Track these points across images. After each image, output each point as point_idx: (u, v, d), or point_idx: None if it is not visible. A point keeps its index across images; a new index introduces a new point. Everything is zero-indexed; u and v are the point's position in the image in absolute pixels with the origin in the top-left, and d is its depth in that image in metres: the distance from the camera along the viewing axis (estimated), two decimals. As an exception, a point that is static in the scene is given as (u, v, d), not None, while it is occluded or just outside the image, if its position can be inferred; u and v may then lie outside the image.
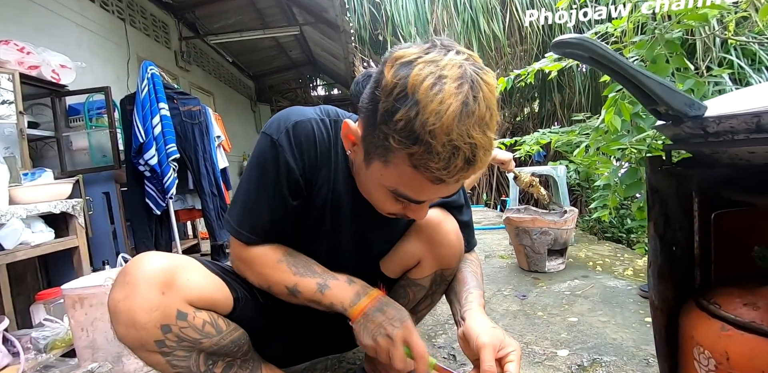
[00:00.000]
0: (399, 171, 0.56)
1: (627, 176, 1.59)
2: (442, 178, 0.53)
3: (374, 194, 0.66)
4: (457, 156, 0.51)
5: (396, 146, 0.52)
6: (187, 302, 0.66)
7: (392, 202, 0.64)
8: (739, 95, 0.56)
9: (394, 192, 0.61)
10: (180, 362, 0.67)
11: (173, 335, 0.64)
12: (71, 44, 2.79)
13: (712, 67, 2.43)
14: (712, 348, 0.51)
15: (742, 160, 0.52)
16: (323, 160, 0.72)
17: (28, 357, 1.33)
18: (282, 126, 0.68)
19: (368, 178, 0.64)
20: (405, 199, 0.61)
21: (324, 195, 0.75)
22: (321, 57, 6.71)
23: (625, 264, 2.03)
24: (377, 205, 0.69)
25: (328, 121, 0.73)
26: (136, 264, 0.64)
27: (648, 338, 1.18)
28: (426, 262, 0.85)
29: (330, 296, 0.71)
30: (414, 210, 0.66)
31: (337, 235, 0.80)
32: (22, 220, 1.46)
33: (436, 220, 0.82)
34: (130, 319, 0.61)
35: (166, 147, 2.20)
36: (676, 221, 0.62)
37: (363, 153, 0.62)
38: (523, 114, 5.83)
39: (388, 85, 0.52)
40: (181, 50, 4.51)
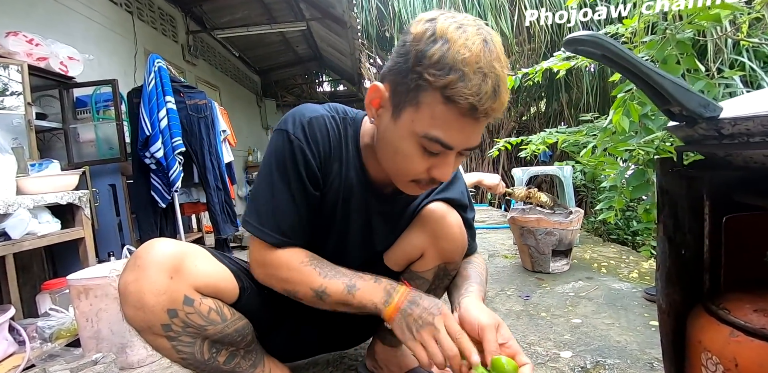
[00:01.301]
0: (431, 110, 0.59)
1: (634, 178, 1.57)
2: (474, 104, 0.56)
3: (402, 151, 0.64)
4: (486, 82, 0.56)
5: (431, 80, 0.57)
6: (194, 289, 0.68)
7: (420, 157, 0.64)
8: (754, 97, 0.55)
9: (426, 137, 0.61)
10: (185, 348, 0.69)
11: (179, 320, 0.66)
12: (79, 37, 2.79)
13: (723, 69, 2.40)
14: (721, 354, 0.51)
15: (756, 163, 0.51)
16: (336, 155, 0.75)
17: (33, 346, 1.35)
18: (297, 122, 0.71)
19: (396, 135, 0.64)
20: (436, 143, 0.61)
21: (335, 189, 0.76)
22: (327, 53, 6.69)
23: (630, 266, 2.02)
24: (404, 167, 0.67)
25: (338, 118, 0.76)
26: (147, 249, 0.66)
27: (653, 342, 1.18)
28: (429, 255, 0.86)
29: (360, 296, 0.69)
30: (440, 166, 0.65)
31: (346, 229, 0.82)
32: (28, 210, 1.47)
33: (439, 212, 0.83)
34: (139, 301, 0.63)
35: (172, 140, 2.21)
36: (686, 223, 0.61)
37: (391, 109, 0.64)
38: (530, 113, 5.80)
39: (418, 35, 0.59)
40: (188, 44, 4.51)
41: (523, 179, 2.49)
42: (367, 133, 0.77)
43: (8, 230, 1.40)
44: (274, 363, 0.86)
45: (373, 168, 0.78)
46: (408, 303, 0.67)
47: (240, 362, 0.77)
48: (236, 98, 6.20)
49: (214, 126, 2.54)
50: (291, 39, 6.17)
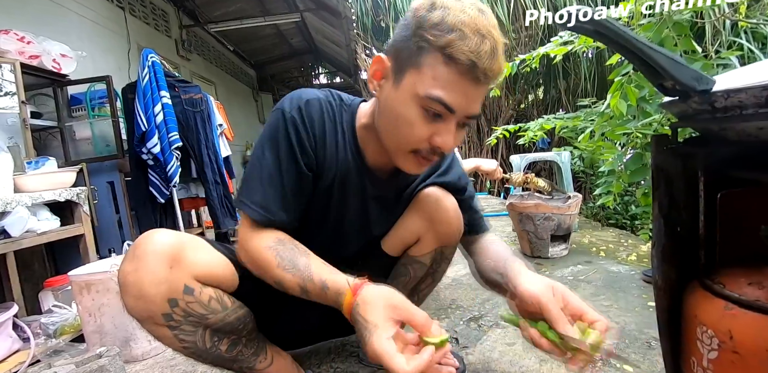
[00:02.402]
0: (433, 71, 0.60)
1: (632, 162, 1.57)
2: (474, 62, 0.58)
3: (404, 116, 0.64)
4: (485, 43, 0.58)
5: (432, 39, 0.59)
6: (194, 278, 0.68)
7: (422, 121, 0.64)
8: (747, 70, 0.54)
9: (428, 97, 0.61)
10: (187, 337, 0.69)
11: (180, 310, 0.66)
12: (71, 34, 2.77)
13: (721, 51, 2.38)
14: (716, 327, 0.51)
15: (750, 136, 0.51)
16: (330, 138, 0.75)
17: (38, 342, 1.36)
18: (294, 103, 0.72)
19: (399, 100, 0.64)
20: (438, 104, 0.61)
21: (330, 172, 0.76)
22: (323, 45, 6.64)
23: (628, 250, 2.03)
24: (406, 134, 0.65)
25: (335, 103, 0.77)
26: (146, 239, 0.66)
27: (650, 322, 1.19)
28: (426, 239, 0.86)
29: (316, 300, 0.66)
30: (442, 133, 0.64)
31: (342, 214, 0.81)
32: (27, 208, 1.47)
33: (435, 197, 0.84)
34: (139, 291, 0.63)
35: (169, 135, 2.20)
36: (681, 201, 0.61)
37: (393, 77, 0.65)
38: (528, 101, 5.77)
39: (418, 6, 0.62)
40: (182, 39, 4.47)
41: (521, 166, 2.49)
42: (364, 115, 0.77)
43: (7, 228, 1.41)
44: (276, 351, 0.87)
45: (370, 152, 0.78)
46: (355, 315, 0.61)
47: (242, 351, 0.78)
48: (232, 93, 6.17)
49: (210, 120, 2.53)
50: (285, 31, 6.12)
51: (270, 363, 0.84)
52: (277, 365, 0.86)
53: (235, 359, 0.78)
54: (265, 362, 0.83)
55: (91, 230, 1.78)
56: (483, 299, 1.48)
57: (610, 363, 1.00)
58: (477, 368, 1.01)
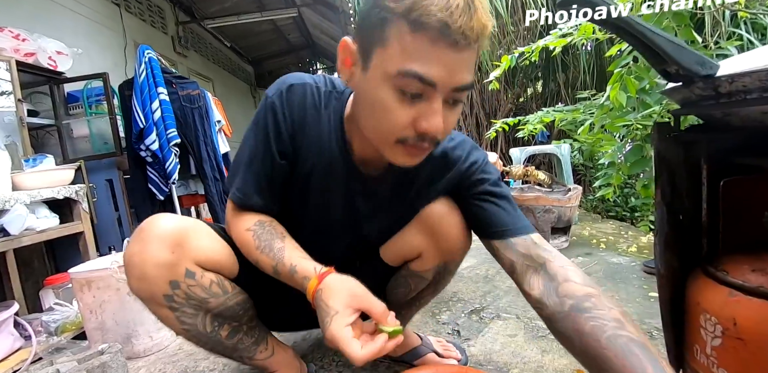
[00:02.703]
0: (401, 43, 0.51)
1: (632, 153, 1.57)
2: (445, 21, 0.49)
3: (380, 102, 0.55)
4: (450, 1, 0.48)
5: (393, 6, 0.50)
6: (195, 262, 0.69)
7: (400, 104, 0.54)
8: (751, 55, 0.54)
9: (400, 74, 0.52)
10: (188, 319, 0.70)
11: (181, 292, 0.67)
12: (67, 31, 2.74)
13: (721, 42, 2.36)
14: (719, 314, 0.51)
15: (754, 121, 0.50)
16: (313, 125, 0.70)
17: (39, 340, 1.36)
18: (278, 87, 0.69)
19: (370, 85, 0.56)
20: (413, 79, 0.51)
21: (309, 162, 0.71)
22: (320, 40, 6.60)
23: (629, 241, 2.03)
24: (386, 121, 0.56)
25: (323, 89, 0.71)
26: (150, 222, 0.67)
27: (652, 312, 1.19)
28: (429, 255, 0.80)
29: (285, 282, 0.66)
30: (426, 114, 0.54)
31: (324, 205, 0.76)
32: (26, 206, 1.47)
33: (440, 213, 0.77)
34: (142, 272, 0.65)
35: (167, 132, 2.19)
36: (684, 188, 0.61)
37: (361, 59, 0.57)
38: (527, 95, 5.74)
39: None
40: (179, 35, 4.44)
41: (521, 159, 2.48)
42: (349, 105, 0.70)
43: (6, 226, 1.40)
44: (277, 343, 0.87)
45: (358, 145, 0.71)
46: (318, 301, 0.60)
47: (243, 339, 0.78)
48: (230, 89, 6.15)
49: (208, 116, 2.51)
50: (282, 27, 6.08)
51: (271, 354, 0.84)
52: (278, 357, 0.85)
53: (236, 348, 0.78)
54: (266, 353, 0.83)
55: (91, 227, 1.77)
56: (484, 291, 1.48)
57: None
58: (479, 359, 1.01)
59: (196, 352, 1.21)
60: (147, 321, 1.24)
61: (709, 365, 0.53)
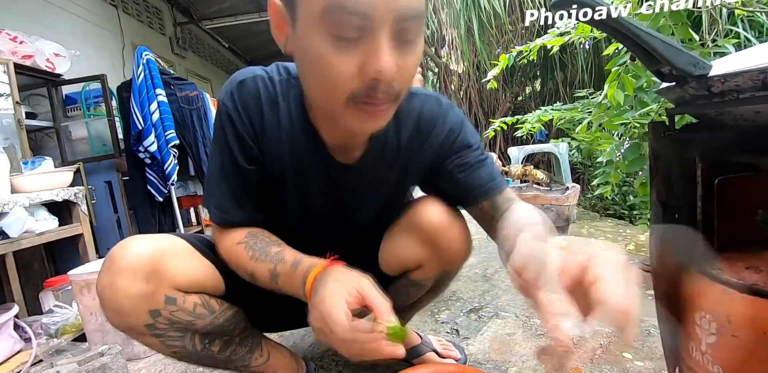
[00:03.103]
0: None
1: (629, 152, 1.57)
2: None
3: (317, 55, 0.48)
4: None
5: None
6: (174, 287, 0.64)
7: (338, 51, 0.46)
8: (743, 54, 0.54)
9: (327, 13, 0.44)
10: (175, 342, 0.67)
11: (164, 319, 0.64)
12: (64, 33, 2.75)
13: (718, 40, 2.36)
14: (714, 312, 0.51)
15: (747, 120, 0.51)
16: (272, 120, 0.64)
17: (39, 342, 1.36)
18: (228, 89, 0.64)
19: (304, 40, 0.49)
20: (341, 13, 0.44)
21: (278, 159, 0.67)
22: (318, 40, 6.59)
23: (627, 239, 2.03)
24: (330, 76, 0.48)
25: (277, 78, 0.65)
26: (119, 251, 0.62)
27: (649, 310, 1.18)
28: (429, 266, 0.77)
29: (284, 285, 0.61)
30: (371, 55, 0.46)
31: (306, 204, 0.73)
32: (24, 208, 1.47)
33: (442, 224, 0.73)
34: (117, 306, 0.61)
35: (165, 133, 2.19)
36: (679, 187, 0.61)
37: (289, 14, 0.50)
38: (525, 94, 5.75)
39: None
40: (176, 36, 4.45)
41: (520, 158, 2.49)
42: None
43: (5, 229, 1.40)
44: (271, 346, 0.85)
45: (327, 130, 0.65)
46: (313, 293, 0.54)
47: (236, 350, 0.76)
48: (228, 91, 6.14)
49: (206, 117, 2.51)
50: (280, 28, 6.07)
51: (266, 359, 0.82)
52: (274, 360, 0.84)
53: (229, 359, 0.76)
54: (261, 359, 0.81)
55: (90, 229, 1.77)
56: (483, 290, 1.49)
57: (610, 350, 1.01)
58: (478, 358, 1.02)
59: (196, 353, 1.21)
60: (147, 323, 1.25)
61: (704, 363, 0.53)
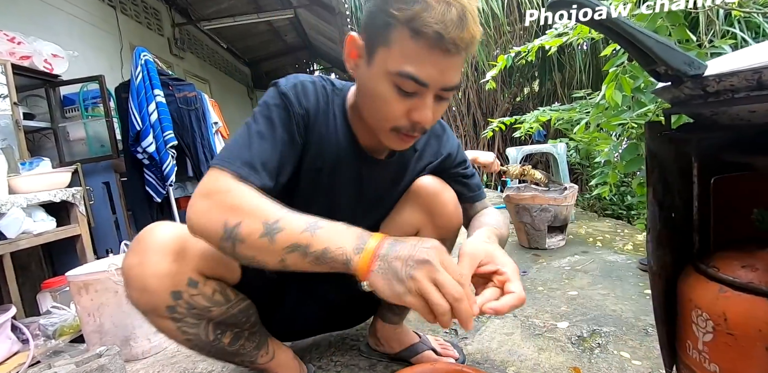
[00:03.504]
0: (402, 47, 0.59)
1: (627, 152, 1.57)
2: (440, 33, 0.56)
3: (379, 94, 0.63)
4: (450, 10, 0.56)
5: (398, 14, 0.57)
6: (197, 271, 0.68)
7: (396, 99, 0.62)
8: (738, 54, 0.54)
9: (399, 75, 0.59)
10: (190, 329, 0.69)
11: (184, 302, 0.66)
12: (62, 34, 2.75)
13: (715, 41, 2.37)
14: (710, 310, 0.51)
15: (742, 120, 0.51)
16: (323, 120, 0.74)
17: (37, 343, 1.36)
18: (290, 81, 0.72)
19: (373, 78, 0.63)
20: (409, 80, 0.59)
21: (320, 154, 0.74)
22: (317, 41, 6.61)
23: (625, 239, 2.04)
24: (383, 111, 0.64)
25: (328, 88, 0.76)
26: (149, 232, 0.66)
27: (647, 309, 1.20)
28: (425, 232, 0.85)
29: (322, 237, 0.52)
30: (419, 108, 0.63)
31: (335, 195, 0.80)
32: (22, 209, 1.47)
33: (433, 190, 0.83)
34: (142, 284, 0.63)
35: (164, 134, 2.19)
36: (675, 186, 0.62)
37: (366, 54, 0.64)
38: (523, 94, 5.76)
39: None
40: (175, 37, 4.45)
41: (518, 158, 2.49)
42: (352, 96, 0.76)
43: (3, 230, 1.40)
44: (277, 345, 0.87)
45: (361, 132, 0.77)
46: (389, 245, 0.51)
47: (245, 344, 0.78)
48: (227, 91, 6.15)
49: (205, 118, 2.52)
50: (279, 28, 6.09)
51: (271, 358, 0.84)
52: (278, 360, 0.86)
53: (237, 353, 0.78)
54: (267, 357, 0.83)
55: (88, 230, 1.77)
56: (482, 291, 1.49)
57: (608, 349, 1.01)
58: (476, 357, 1.02)
59: (195, 354, 1.21)
60: (145, 324, 1.23)
61: (701, 361, 0.53)
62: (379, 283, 0.49)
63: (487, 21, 4.66)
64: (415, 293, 0.48)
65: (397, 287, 0.48)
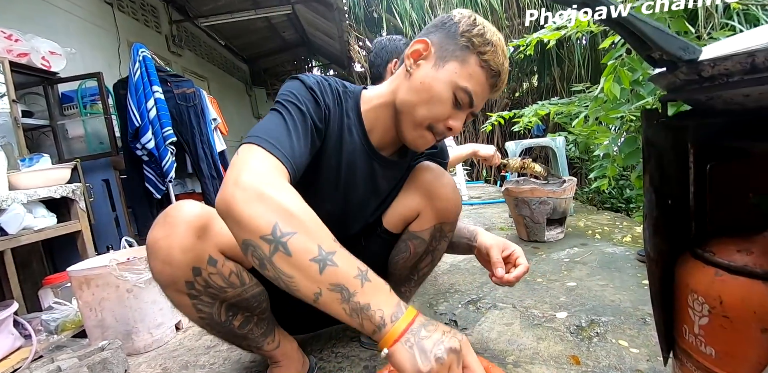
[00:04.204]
0: (470, 69, 0.73)
1: (626, 145, 1.58)
2: (499, 72, 0.75)
3: (439, 95, 0.74)
4: (505, 62, 0.76)
5: (477, 44, 0.73)
6: (218, 250, 0.70)
7: (449, 104, 0.74)
8: (732, 40, 0.54)
9: (463, 89, 0.73)
10: (204, 307, 0.72)
11: (202, 279, 0.69)
12: (59, 31, 2.73)
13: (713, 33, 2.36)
14: (706, 294, 0.52)
15: (736, 104, 0.51)
16: (338, 119, 0.79)
17: (39, 339, 1.36)
18: (311, 78, 0.76)
19: (438, 80, 0.74)
20: (467, 95, 0.74)
21: (336, 150, 0.79)
22: (315, 37, 6.58)
23: (623, 232, 2.04)
24: (434, 109, 0.75)
25: (340, 89, 0.81)
26: (176, 208, 0.69)
27: (645, 299, 1.20)
28: (425, 215, 0.90)
29: (369, 292, 0.50)
30: (456, 118, 0.76)
31: (350, 192, 0.84)
32: (23, 205, 1.47)
33: (433, 173, 0.90)
34: (168, 256, 0.65)
35: (163, 130, 2.19)
36: (672, 173, 0.62)
37: (435, 59, 0.75)
38: (522, 89, 5.75)
39: (463, 16, 0.76)
40: (172, 34, 4.43)
41: (517, 152, 2.49)
42: (377, 97, 0.82)
43: (4, 226, 1.40)
44: (283, 335, 0.89)
45: (378, 133, 0.83)
46: (421, 324, 0.51)
47: (253, 329, 0.81)
48: (225, 88, 6.13)
49: (204, 115, 2.51)
50: (277, 24, 6.05)
51: (277, 346, 0.87)
52: (284, 349, 0.88)
53: (245, 337, 0.81)
54: (273, 344, 0.86)
55: (89, 226, 1.77)
56: (481, 282, 1.50)
57: (606, 338, 1.02)
58: (476, 347, 1.03)
59: (196, 347, 1.22)
60: (147, 318, 1.25)
61: (697, 345, 0.54)
62: (403, 355, 0.49)
63: (486, 16, 4.65)
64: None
65: (421, 364, 0.48)
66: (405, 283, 1.01)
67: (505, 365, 0.93)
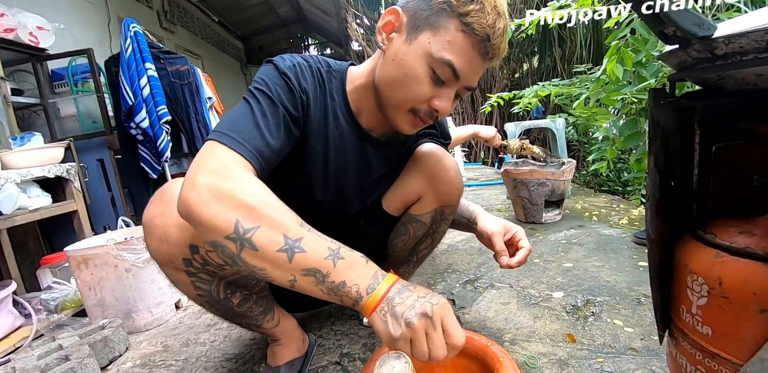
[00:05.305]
0: (449, 35, 0.62)
1: (626, 127, 1.56)
2: (488, 36, 0.61)
3: (413, 72, 0.64)
4: (499, 21, 0.62)
5: (455, 4, 0.60)
6: None
7: (427, 82, 0.64)
8: (749, 16, 0.53)
9: (440, 59, 0.62)
10: (202, 285, 0.72)
11: (199, 257, 0.67)
12: (47, 6, 2.64)
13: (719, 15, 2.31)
14: (706, 275, 0.52)
15: (749, 84, 0.50)
16: (320, 103, 0.73)
17: (40, 318, 1.37)
18: (287, 61, 0.70)
19: (410, 55, 0.64)
20: (447, 68, 0.63)
21: (322, 139, 0.74)
22: (312, 14, 6.41)
23: (620, 214, 2.06)
24: (411, 90, 0.65)
25: (323, 70, 0.75)
26: (173, 185, 0.66)
27: (640, 280, 1.22)
28: (427, 198, 0.88)
29: (342, 270, 0.51)
30: (442, 97, 0.66)
31: (343, 178, 0.80)
32: (16, 185, 1.45)
33: (435, 156, 0.86)
34: (164, 234, 0.64)
35: (157, 109, 2.14)
36: (677, 154, 0.61)
37: (407, 31, 0.65)
38: (522, 70, 5.67)
39: None
40: (164, 10, 4.30)
41: (516, 133, 2.48)
42: (359, 76, 0.75)
43: (-2, 205, 1.39)
44: (282, 313, 0.90)
45: (366, 114, 0.76)
46: (397, 290, 0.52)
47: (252, 307, 0.81)
48: (220, 66, 6.01)
49: (198, 93, 2.46)
50: (272, 0, 5.88)
51: (276, 324, 0.87)
52: (283, 327, 0.89)
53: (245, 315, 0.81)
54: (272, 322, 0.86)
55: (84, 206, 1.76)
56: (478, 263, 1.51)
57: (601, 318, 1.03)
58: (473, 326, 1.04)
59: (197, 325, 1.23)
60: (147, 297, 1.26)
61: (694, 324, 0.55)
62: (378, 323, 0.50)
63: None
64: (406, 340, 0.49)
65: (393, 330, 0.49)
66: (404, 264, 1.02)
67: (503, 343, 0.95)
